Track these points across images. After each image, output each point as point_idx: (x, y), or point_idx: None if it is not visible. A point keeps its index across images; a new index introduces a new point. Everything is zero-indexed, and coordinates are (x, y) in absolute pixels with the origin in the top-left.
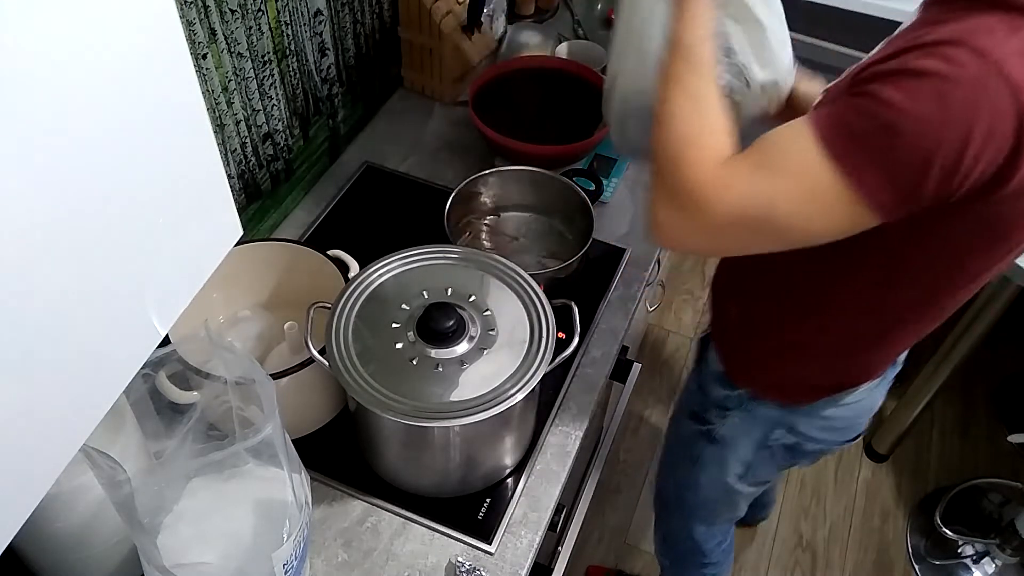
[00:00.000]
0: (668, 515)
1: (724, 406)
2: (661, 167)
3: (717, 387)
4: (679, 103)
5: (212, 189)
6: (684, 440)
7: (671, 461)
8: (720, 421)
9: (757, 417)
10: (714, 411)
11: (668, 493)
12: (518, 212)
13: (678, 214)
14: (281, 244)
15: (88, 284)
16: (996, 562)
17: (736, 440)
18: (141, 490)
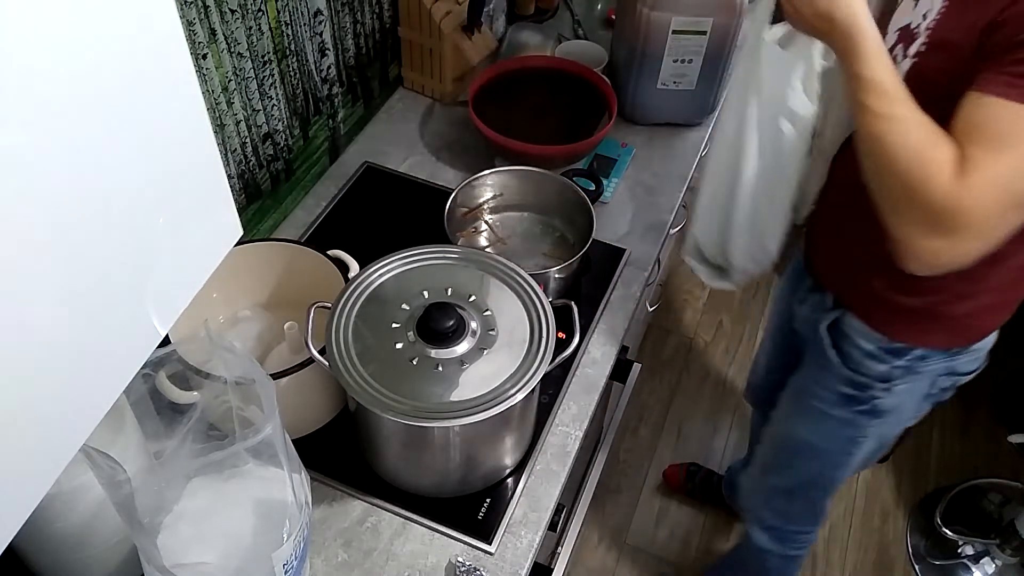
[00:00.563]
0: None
1: (888, 378)
2: (900, 203)
3: (875, 363)
4: (893, 135)
5: (212, 189)
6: (838, 430)
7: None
8: (885, 394)
9: (923, 374)
10: (877, 387)
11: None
12: (518, 212)
13: (947, 238)
14: (281, 244)
15: (88, 284)
16: (996, 562)
17: (902, 404)
18: (141, 490)
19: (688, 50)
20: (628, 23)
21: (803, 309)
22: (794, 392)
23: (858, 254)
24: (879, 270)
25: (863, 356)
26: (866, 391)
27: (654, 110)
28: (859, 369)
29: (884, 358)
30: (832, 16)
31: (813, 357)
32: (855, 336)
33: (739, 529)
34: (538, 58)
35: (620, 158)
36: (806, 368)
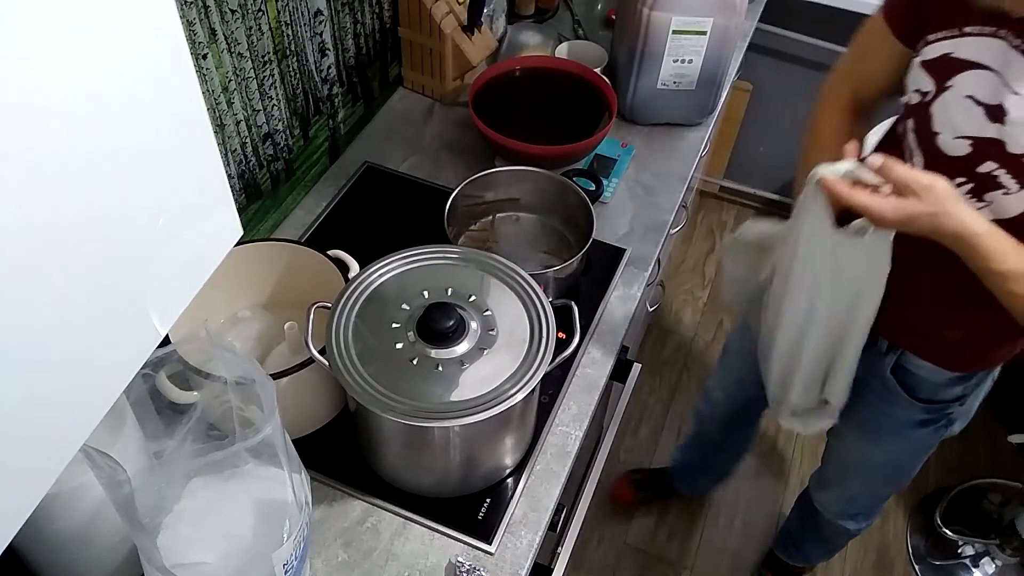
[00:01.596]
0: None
1: (961, 396)
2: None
3: (948, 390)
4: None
5: (212, 189)
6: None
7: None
8: (958, 408)
9: (986, 383)
10: (952, 406)
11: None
12: (518, 212)
13: None
14: (281, 244)
15: (88, 284)
16: (996, 562)
17: (972, 406)
18: (141, 490)
19: (688, 50)
20: (628, 23)
21: None
22: (859, 424)
23: (934, 314)
24: (953, 326)
25: (935, 388)
26: (941, 412)
27: (654, 110)
28: (932, 398)
29: (957, 385)
30: (942, 233)
31: (873, 393)
32: (923, 374)
33: (742, 518)
34: (538, 58)
35: (620, 158)
36: (865, 404)
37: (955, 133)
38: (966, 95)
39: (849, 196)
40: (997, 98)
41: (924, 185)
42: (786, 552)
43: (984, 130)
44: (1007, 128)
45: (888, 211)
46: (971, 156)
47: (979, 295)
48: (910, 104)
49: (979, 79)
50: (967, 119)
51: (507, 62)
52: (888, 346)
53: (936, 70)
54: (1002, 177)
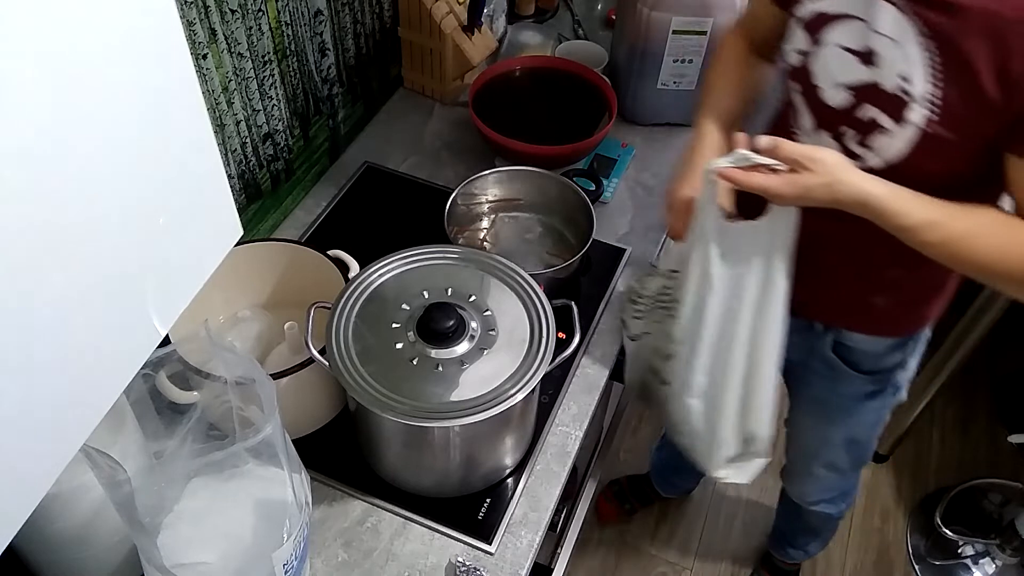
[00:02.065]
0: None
1: (903, 360)
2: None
3: (889, 357)
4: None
5: (212, 189)
6: (869, 416)
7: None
8: (902, 373)
9: (921, 342)
10: (896, 371)
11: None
12: (518, 212)
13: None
14: (281, 244)
15: (88, 284)
16: (996, 562)
17: (912, 372)
18: (141, 490)
19: (688, 50)
20: (628, 23)
21: None
22: (811, 408)
23: (855, 286)
24: (879, 292)
25: (877, 358)
26: (887, 379)
27: (654, 110)
28: (876, 369)
29: (896, 350)
30: (841, 202)
31: (818, 375)
32: (864, 346)
33: (742, 518)
34: (538, 58)
35: (620, 158)
36: (813, 386)
37: (835, 84)
38: (839, 45)
39: (746, 179)
40: (865, 43)
41: (813, 158)
42: (781, 550)
43: (860, 76)
44: (879, 69)
45: (784, 187)
46: (853, 104)
47: (895, 257)
48: (792, 65)
49: (848, 27)
50: (843, 68)
51: (507, 62)
52: (824, 326)
53: (811, 27)
54: (881, 119)
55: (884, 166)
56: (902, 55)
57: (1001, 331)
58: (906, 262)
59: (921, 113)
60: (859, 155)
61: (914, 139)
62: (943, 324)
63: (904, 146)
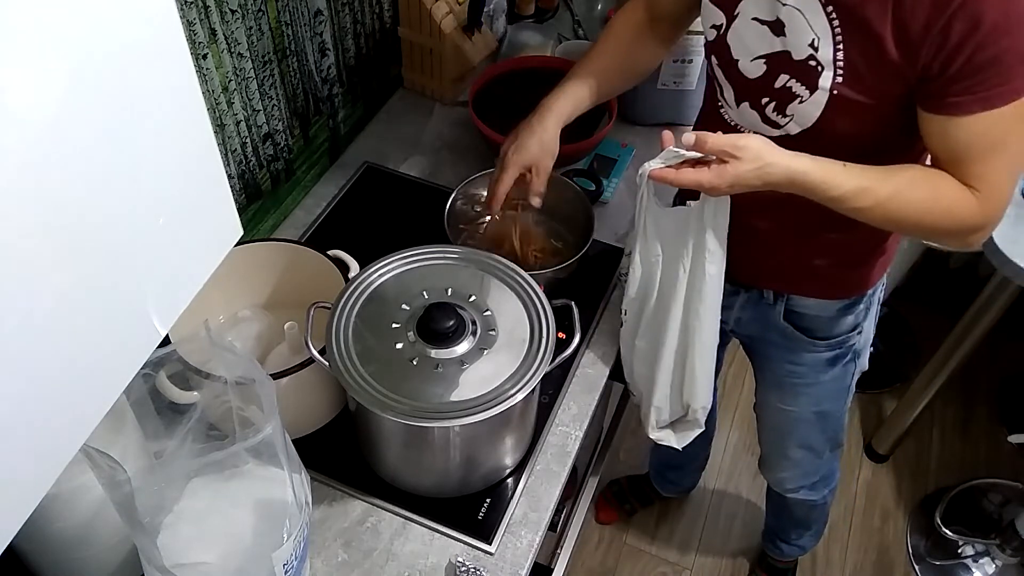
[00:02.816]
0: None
1: (856, 323)
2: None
3: (841, 321)
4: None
5: (212, 189)
6: (833, 385)
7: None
8: (858, 337)
9: (875, 302)
10: (851, 335)
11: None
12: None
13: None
14: (281, 244)
15: (88, 284)
16: (996, 562)
17: (870, 329)
18: (141, 490)
19: (688, 50)
20: None
21: (738, 314)
22: (775, 383)
23: (794, 250)
24: (819, 254)
25: (829, 323)
26: (843, 344)
27: (654, 110)
28: (830, 334)
29: (847, 313)
30: (773, 183)
31: (777, 347)
32: (814, 311)
33: (742, 518)
34: (538, 58)
35: (620, 158)
36: (773, 360)
37: (751, 56)
38: (752, 17)
39: (677, 177)
40: (774, 13)
41: (739, 146)
42: (775, 548)
43: (773, 46)
44: (788, 38)
45: (716, 179)
46: (767, 73)
47: (827, 220)
48: (709, 41)
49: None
50: (757, 39)
51: (507, 62)
52: (774, 295)
53: (723, 2)
54: (795, 87)
55: (800, 132)
56: (807, 23)
57: (1001, 331)
58: (839, 225)
59: (830, 78)
60: (778, 123)
61: (827, 103)
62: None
63: (819, 111)
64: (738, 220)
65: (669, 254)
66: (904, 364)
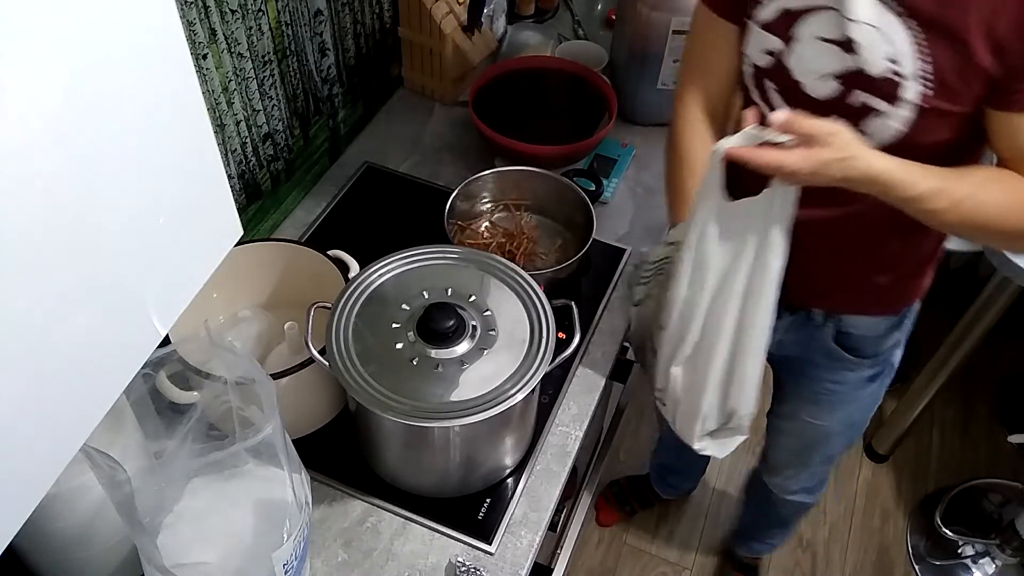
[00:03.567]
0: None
1: (898, 340)
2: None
3: (887, 339)
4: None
5: (212, 189)
6: (868, 399)
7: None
8: (897, 351)
9: (914, 315)
10: (893, 352)
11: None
12: (518, 212)
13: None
14: (281, 244)
15: (88, 284)
16: (996, 562)
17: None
18: (141, 490)
19: None
20: (628, 23)
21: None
22: (811, 400)
23: (855, 268)
24: (882, 270)
25: (877, 341)
26: (885, 359)
27: (654, 110)
28: (877, 351)
29: (893, 329)
30: (852, 177)
31: (817, 367)
32: (863, 331)
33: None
34: (538, 58)
35: (620, 158)
36: (812, 379)
37: (818, 75)
38: (816, 37)
39: (757, 156)
40: (842, 31)
41: (830, 131)
42: (748, 547)
43: (844, 63)
44: (861, 55)
45: (800, 162)
46: (841, 92)
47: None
48: (761, 67)
49: (821, 19)
50: (825, 59)
51: (507, 62)
52: (824, 316)
53: (778, 26)
54: (873, 102)
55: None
56: (885, 38)
57: (1001, 331)
58: (902, 234)
59: (916, 90)
60: None
61: (911, 116)
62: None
63: (901, 125)
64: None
65: (727, 251)
66: (904, 364)
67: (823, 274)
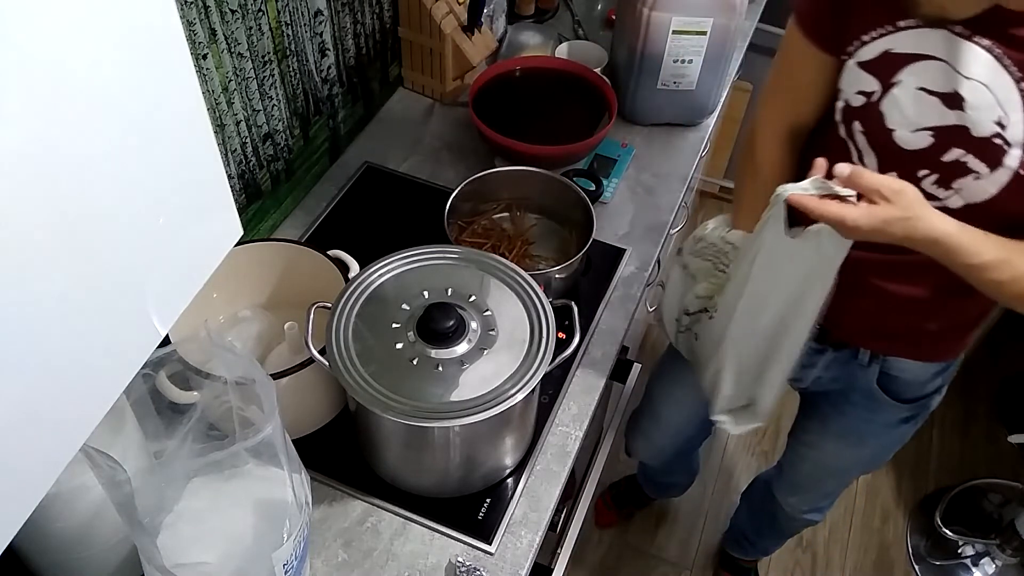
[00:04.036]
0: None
1: (939, 388)
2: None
3: (930, 384)
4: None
5: (212, 189)
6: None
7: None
8: (937, 397)
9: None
10: (934, 397)
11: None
12: (518, 212)
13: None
14: (281, 244)
15: (88, 284)
16: (996, 562)
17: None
18: (141, 490)
19: (688, 50)
20: (628, 23)
21: (820, 373)
22: (841, 434)
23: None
24: (933, 317)
25: (920, 385)
26: (924, 405)
27: (654, 110)
28: (917, 395)
29: (938, 376)
30: (913, 238)
31: (855, 406)
32: (908, 376)
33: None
34: (538, 58)
35: (620, 158)
36: (847, 416)
37: (913, 127)
38: (918, 87)
39: (819, 208)
40: (950, 85)
41: (895, 190)
42: (741, 549)
43: (944, 119)
44: (968, 114)
45: (861, 218)
46: (934, 146)
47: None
48: (852, 106)
49: (928, 70)
50: (924, 111)
51: (507, 62)
52: (870, 357)
53: (878, 68)
54: (971, 162)
55: (963, 206)
56: (996, 100)
57: (1001, 331)
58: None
59: (1018, 157)
60: (937, 196)
61: (1007, 182)
62: None
63: (995, 189)
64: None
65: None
66: None
67: (878, 315)
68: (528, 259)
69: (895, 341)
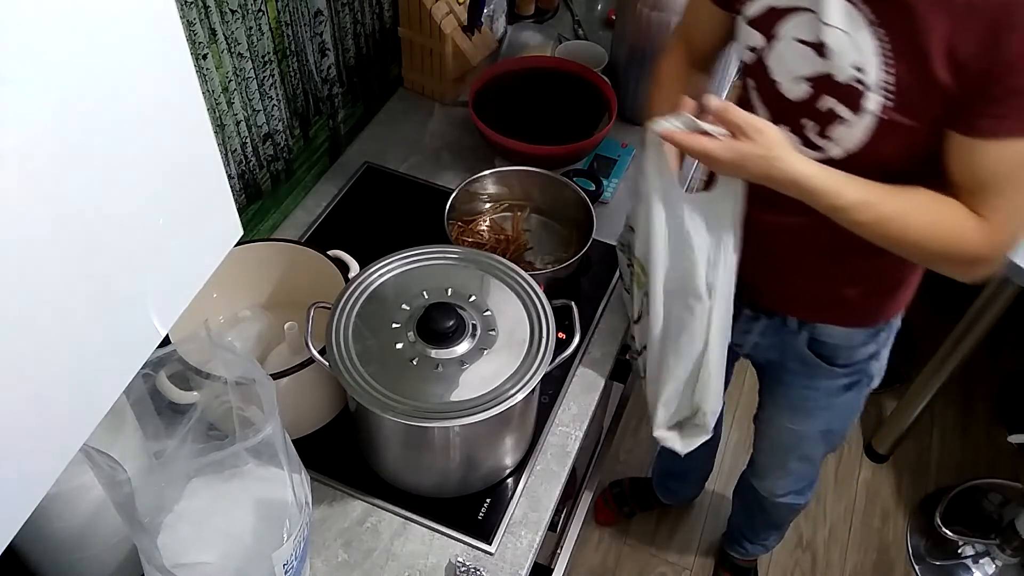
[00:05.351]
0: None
1: (876, 351)
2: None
3: (863, 349)
4: (903, 230)
5: (212, 189)
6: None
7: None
8: (875, 363)
9: (892, 333)
10: (870, 362)
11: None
12: (518, 212)
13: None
14: (281, 244)
15: (88, 284)
16: (996, 562)
17: (884, 363)
18: (141, 490)
19: None
20: (628, 23)
21: (757, 339)
22: (787, 405)
23: (824, 278)
24: (849, 283)
25: (851, 351)
26: (861, 370)
27: None
28: (850, 361)
29: (868, 341)
30: (774, 178)
31: (793, 373)
32: (838, 340)
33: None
34: (538, 58)
35: (620, 158)
36: (788, 385)
37: (793, 77)
38: (794, 38)
39: (687, 141)
40: (816, 34)
41: (757, 128)
42: (740, 548)
43: (816, 67)
44: (830, 60)
45: (722, 151)
46: (811, 96)
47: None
48: (745, 63)
49: (800, 20)
50: (799, 61)
51: (507, 62)
52: (799, 323)
53: (762, 23)
54: (838, 108)
55: (845, 155)
56: (854, 45)
57: (1001, 331)
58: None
59: (876, 101)
60: (820, 146)
61: (872, 127)
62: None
63: (863, 135)
64: (766, 245)
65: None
66: (904, 364)
67: (793, 281)
68: (528, 259)
69: (813, 307)
